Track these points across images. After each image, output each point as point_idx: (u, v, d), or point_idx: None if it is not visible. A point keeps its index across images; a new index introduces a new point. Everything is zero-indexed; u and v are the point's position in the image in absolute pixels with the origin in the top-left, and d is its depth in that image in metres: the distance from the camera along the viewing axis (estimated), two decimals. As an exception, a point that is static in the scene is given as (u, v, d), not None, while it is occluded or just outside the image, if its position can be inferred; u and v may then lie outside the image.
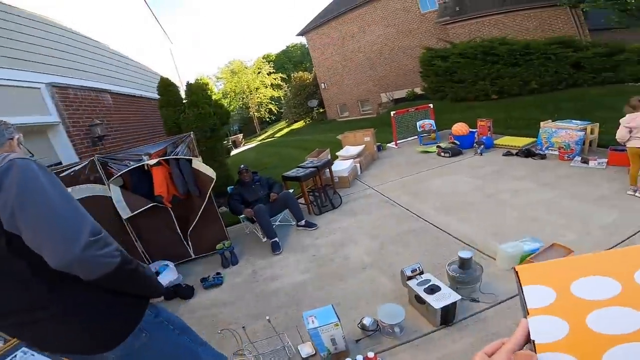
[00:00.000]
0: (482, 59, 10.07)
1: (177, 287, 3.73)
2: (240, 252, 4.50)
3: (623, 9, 8.64)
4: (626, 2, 8.19)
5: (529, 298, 0.48)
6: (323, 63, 21.01)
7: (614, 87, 8.54)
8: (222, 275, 3.88)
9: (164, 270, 3.90)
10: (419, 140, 8.25)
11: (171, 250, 4.29)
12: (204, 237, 4.40)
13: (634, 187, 4.01)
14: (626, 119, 4.00)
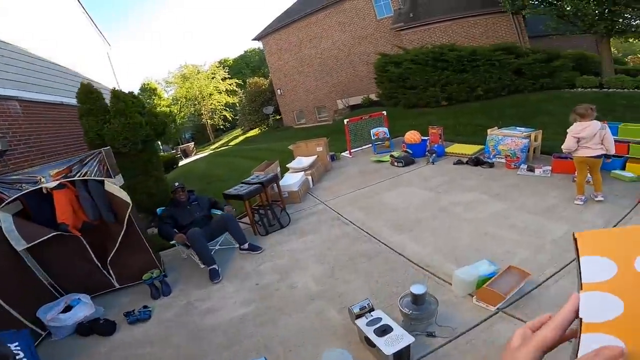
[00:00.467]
0: (433, 65, 10.23)
1: (94, 322, 3.27)
2: (174, 280, 3.97)
3: (560, 15, 9.21)
4: (563, 7, 8.69)
5: (586, 270, 0.42)
6: (279, 68, 20.53)
7: (551, 93, 9.02)
8: (150, 308, 3.42)
9: (76, 304, 3.35)
10: (373, 148, 8.05)
11: (89, 281, 3.76)
12: (129, 265, 3.83)
13: (581, 197, 4.03)
14: (576, 129, 3.90)
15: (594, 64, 11.27)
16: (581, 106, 3.93)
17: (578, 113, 3.92)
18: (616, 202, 3.94)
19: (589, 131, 3.87)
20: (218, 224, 4.27)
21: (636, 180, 4.34)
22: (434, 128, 7.05)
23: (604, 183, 4.46)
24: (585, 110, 3.86)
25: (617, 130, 4.65)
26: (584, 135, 3.86)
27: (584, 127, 3.86)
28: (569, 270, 2.95)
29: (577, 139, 3.89)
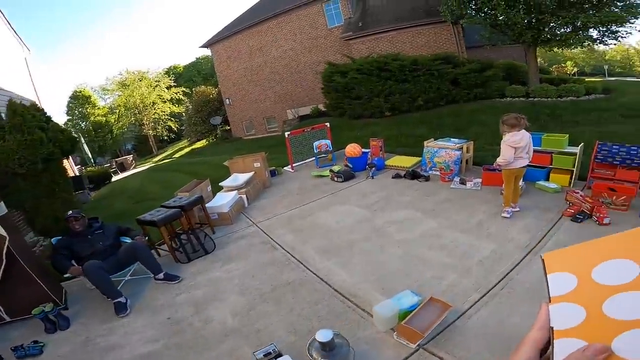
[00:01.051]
0: (377, 75, 10.29)
1: (-27, 358, 2.81)
2: (76, 312, 3.56)
3: (493, 24, 9.68)
4: (496, 17, 9.12)
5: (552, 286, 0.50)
6: (228, 77, 19.83)
7: (484, 103, 9.42)
8: (41, 344, 3.11)
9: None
10: (315, 162, 7.79)
11: (-25, 314, 3.30)
12: (19, 297, 3.44)
13: (508, 209, 4.01)
14: (513, 139, 3.79)
15: (522, 73, 12.06)
16: (510, 116, 3.86)
17: (510, 124, 3.82)
18: (541, 216, 3.97)
19: (525, 141, 3.86)
20: (126, 254, 3.85)
21: (559, 191, 4.44)
22: (374, 140, 6.95)
23: (529, 194, 4.56)
24: (517, 120, 3.80)
25: (540, 140, 4.76)
26: (522, 145, 3.82)
27: (521, 136, 3.82)
28: (492, 295, 2.86)
29: (515, 149, 3.80)
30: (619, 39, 9.03)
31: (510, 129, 3.82)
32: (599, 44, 9.44)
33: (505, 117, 3.87)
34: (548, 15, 8.27)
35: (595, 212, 3.64)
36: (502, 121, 3.90)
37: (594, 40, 9.26)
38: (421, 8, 12.97)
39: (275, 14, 16.58)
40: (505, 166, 3.94)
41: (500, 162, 3.93)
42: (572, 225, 3.66)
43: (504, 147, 3.86)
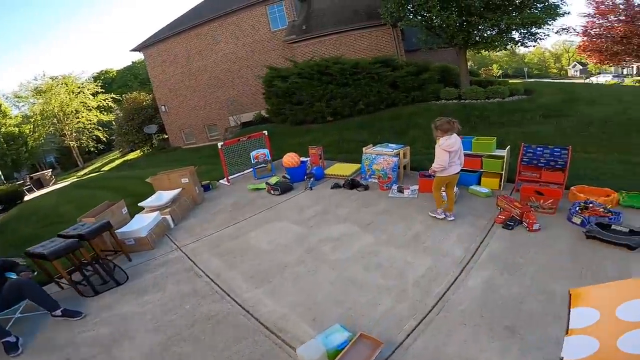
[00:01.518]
0: (318, 79, 10.04)
1: None
2: None
3: (429, 27, 9.95)
4: (432, 19, 9.35)
5: (573, 319, 0.59)
6: (164, 83, 18.40)
7: (421, 106, 9.61)
8: None
9: None
10: (253, 173, 7.27)
11: None
12: None
13: (439, 210, 3.92)
14: (447, 143, 3.65)
15: (455, 76, 12.63)
16: (443, 120, 3.72)
17: (444, 129, 3.68)
18: (474, 223, 3.89)
19: (458, 144, 3.73)
20: (10, 292, 3.32)
21: (490, 195, 4.44)
22: (313, 148, 6.63)
23: (463, 199, 4.52)
24: (450, 125, 3.67)
25: (471, 144, 4.75)
26: (455, 149, 3.70)
27: (454, 139, 3.70)
28: (428, 321, 2.63)
29: (449, 153, 3.67)
30: (538, 40, 9.80)
31: (443, 134, 3.70)
32: (520, 46, 10.17)
33: (439, 122, 3.73)
34: (477, 17, 8.66)
35: (525, 218, 3.61)
36: (435, 126, 3.76)
37: (516, 42, 9.94)
38: (363, 11, 13.08)
39: (215, 17, 15.74)
40: (440, 172, 3.80)
41: (436, 167, 3.80)
42: (504, 232, 3.60)
43: (439, 151, 3.73)
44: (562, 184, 4.11)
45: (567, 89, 10.53)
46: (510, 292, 2.74)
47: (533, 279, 2.83)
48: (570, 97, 8.97)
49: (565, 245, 3.23)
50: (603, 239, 3.11)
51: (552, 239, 3.37)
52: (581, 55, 24.81)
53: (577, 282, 2.72)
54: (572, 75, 51.50)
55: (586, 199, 3.87)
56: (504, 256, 3.21)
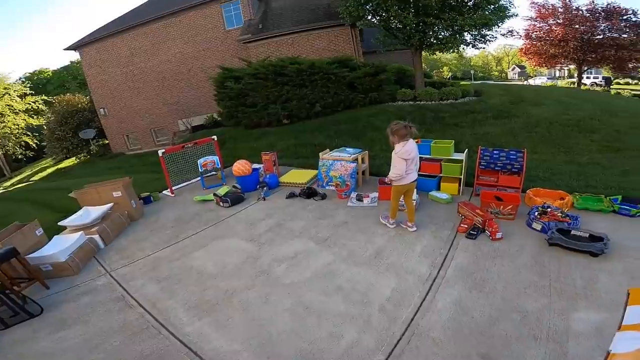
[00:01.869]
0: (273, 79, 9.52)
1: None
2: None
3: (387, 27, 9.89)
4: (390, 19, 9.26)
5: (628, 316, 0.61)
6: (103, 84, 16.76)
7: (378, 107, 9.50)
8: None
9: None
10: (201, 183, 6.60)
11: None
12: None
13: (392, 220, 3.72)
14: (404, 149, 3.38)
15: (410, 77, 12.80)
16: (400, 125, 3.41)
17: (400, 135, 3.39)
18: (437, 233, 3.66)
19: (415, 151, 3.47)
20: None
21: (451, 201, 4.27)
22: (266, 154, 6.14)
23: (424, 206, 4.31)
24: (407, 130, 3.38)
25: (429, 148, 4.56)
26: (413, 156, 3.44)
27: (411, 145, 3.42)
28: (397, 355, 2.28)
29: (406, 160, 3.40)
30: (487, 42, 10.22)
31: (400, 139, 3.41)
32: (471, 47, 10.50)
33: (395, 127, 3.43)
34: (433, 18, 8.73)
35: (487, 227, 3.45)
36: (392, 131, 3.46)
37: (468, 44, 10.24)
38: (322, 10, 12.80)
39: (164, 14, 14.60)
40: (398, 181, 3.53)
41: (393, 176, 3.52)
42: (467, 243, 3.40)
43: (396, 159, 3.45)
44: (519, 188, 4.04)
45: (513, 91, 11.06)
46: (482, 313, 2.49)
47: (503, 297, 2.62)
48: (516, 98, 9.36)
49: (530, 256, 3.08)
50: (566, 246, 3.01)
51: (516, 248, 3.22)
52: (523, 58, 26.76)
53: (547, 297, 2.55)
54: (512, 78, 56.10)
55: (543, 202, 3.81)
56: (470, 270, 2.99)
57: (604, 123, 6.95)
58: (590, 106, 8.23)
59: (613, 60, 21.19)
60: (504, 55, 63.39)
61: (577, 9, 21.17)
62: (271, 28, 12.84)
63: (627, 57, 20.73)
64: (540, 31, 22.81)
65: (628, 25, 19.92)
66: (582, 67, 22.97)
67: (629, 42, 20.05)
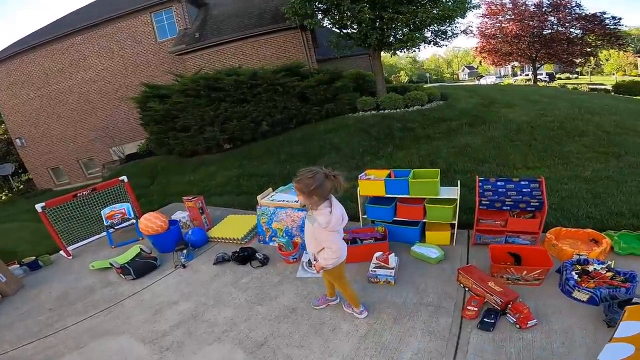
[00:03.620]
0: (207, 96, 7.91)
1: None
2: None
3: (341, 26, 8.71)
4: (343, 17, 8.08)
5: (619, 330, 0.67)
6: (17, 109, 14.30)
7: (337, 121, 8.22)
8: None
9: None
10: (108, 239, 4.88)
11: None
12: None
13: (361, 308, 2.46)
14: (334, 217, 2.03)
15: (370, 83, 11.72)
16: (316, 176, 1.98)
17: (323, 190, 1.99)
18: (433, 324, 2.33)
19: (342, 211, 2.13)
20: None
21: (443, 259, 2.97)
22: (189, 199, 4.55)
23: (404, 270, 2.98)
24: (332, 181, 2.00)
25: (407, 185, 3.18)
26: (346, 220, 2.15)
27: (340, 208, 2.11)
28: None
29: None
30: (448, 39, 9.39)
31: (321, 199, 2.03)
32: (433, 45, 9.62)
33: (311, 180, 1.97)
34: (390, 12, 7.66)
35: (512, 311, 2.16)
36: (306, 188, 1.98)
37: (429, 41, 9.34)
38: (269, 14, 11.40)
39: (80, 28, 12.56)
40: (337, 263, 2.21)
41: (329, 263, 2.17)
42: (483, 339, 2.09)
43: (325, 234, 2.08)
44: (538, 234, 2.82)
45: (479, 92, 10.30)
46: None
47: None
48: (485, 100, 8.51)
49: (585, 349, 1.82)
50: None
51: (561, 341, 1.97)
52: (478, 57, 27.06)
53: None
54: (463, 79, 58.44)
55: (575, 253, 2.61)
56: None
57: (589, 123, 6.14)
58: (565, 104, 7.51)
59: (564, 55, 21.74)
60: (453, 57, 66.23)
61: (524, 4, 21.53)
62: (210, 36, 11.27)
63: (577, 52, 21.34)
64: (492, 28, 23.03)
65: (575, 18, 20.47)
66: (536, 64, 23.42)
67: (578, 37, 20.65)
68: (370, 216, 3.39)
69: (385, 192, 3.16)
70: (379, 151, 6.04)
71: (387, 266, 2.87)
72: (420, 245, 3.16)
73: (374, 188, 3.23)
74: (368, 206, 3.34)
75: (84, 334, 2.90)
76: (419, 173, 3.26)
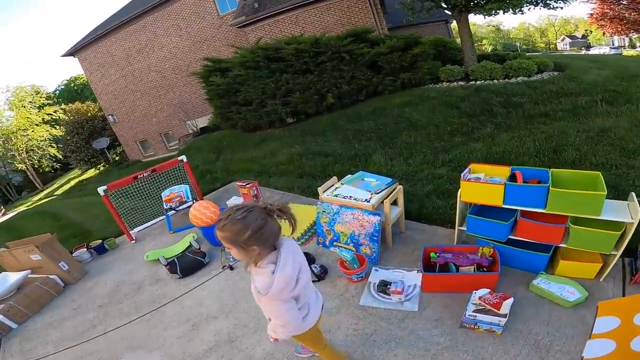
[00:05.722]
0: (267, 67, 7.28)
1: None
2: None
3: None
4: None
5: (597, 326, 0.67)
6: (106, 89, 15.70)
7: (415, 92, 6.95)
8: None
9: None
10: (167, 223, 4.70)
11: None
12: None
13: None
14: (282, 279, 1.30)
15: (453, 51, 9.94)
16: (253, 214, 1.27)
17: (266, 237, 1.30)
18: None
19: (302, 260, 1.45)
20: None
21: (583, 301, 1.91)
22: (243, 185, 4.02)
23: (517, 313, 2.00)
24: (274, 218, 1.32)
25: (546, 195, 2.01)
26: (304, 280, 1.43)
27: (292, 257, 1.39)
28: None
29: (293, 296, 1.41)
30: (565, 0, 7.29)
31: (264, 249, 1.32)
32: (542, 7, 7.56)
33: (240, 225, 1.24)
34: None
35: None
36: (242, 239, 1.25)
37: (536, 2, 7.33)
38: None
39: (149, 7, 12.92)
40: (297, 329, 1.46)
41: (286, 334, 1.44)
42: None
43: (269, 305, 1.39)
44: None
45: (609, 63, 7.91)
46: None
47: None
48: (621, 72, 6.35)
49: None
50: None
51: None
52: (593, 25, 21.89)
53: None
54: (562, 49, 49.43)
55: None
56: None
57: None
58: None
59: None
60: (549, 26, 56.68)
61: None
62: (269, 5, 10.56)
63: None
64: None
65: None
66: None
67: None
68: (472, 230, 2.40)
69: (504, 201, 2.13)
70: (473, 131, 4.76)
71: (495, 311, 1.92)
72: (548, 279, 2.11)
73: (486, 194, 2.19)
74: (471, 217, 2.34)
75: (120, 343, 2.64)
76: (561, 176, 2.10)
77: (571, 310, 1.92)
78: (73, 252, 4.40)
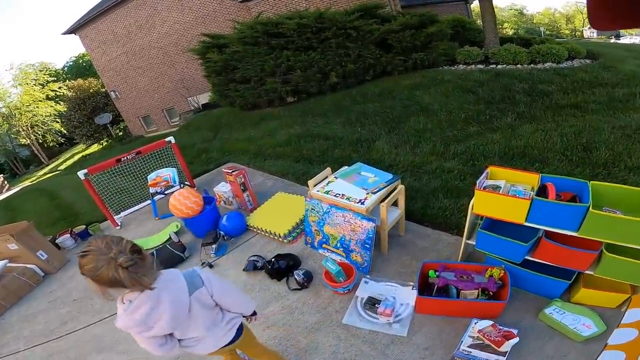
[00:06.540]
0: (266, 43, 6.76)
1: None
2: None
3: None
4: None
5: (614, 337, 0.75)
6: (108, 65, 15.40)
7: (427, 74, 6.38)
8: None
9: None
10: (152, 209, 4.40)
11: None
12: None
13: None
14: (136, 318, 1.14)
15: (473, 32, 9.17)
16: (96, 252, 1.03)
17: (111, 277, 1.03)
18: None
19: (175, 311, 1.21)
20: None
21: (598, 334, 1.54)
22: (230, 172, 3.65)
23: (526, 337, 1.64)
24: (115, 261, 1.03)
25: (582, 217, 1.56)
26: (165, 326, 1.17)
27: (155, 300, 1.14)
28: None
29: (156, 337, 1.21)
30: None
31: (135, 286, 1.10)
32: None
33: (91, 259, 1.03)
34: None
35: None
36: (94, 274, 1.03)
37: None
38: None
39: None
40: None
41: None
42: None
43: (141, 339, 1.22)
44: None
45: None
46: None
47: None
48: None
49: None
50: None
51: None
52: None
53: None
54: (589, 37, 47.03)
55: None
56: None
57: None
58: None
59: None
60: (576, 12, 53.69)
61: None
62: (273, -22, 9.86)
63: None
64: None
65: None
66: None
67: None
68: (482, 247, 1.99)
69: (526, 219, 1.71)
70: (491, 120, 4.25)
71: (495, 348, 1.57)
72: (563, 308, 1.74)
73: (506, 209, 1.73)
74: (482, 233, 1.93)
75: (88, 344, 2.46)
76: (602, 190, 1.65)
77: (581, 345, 1.58)
78: (57, 238, 4.18)
